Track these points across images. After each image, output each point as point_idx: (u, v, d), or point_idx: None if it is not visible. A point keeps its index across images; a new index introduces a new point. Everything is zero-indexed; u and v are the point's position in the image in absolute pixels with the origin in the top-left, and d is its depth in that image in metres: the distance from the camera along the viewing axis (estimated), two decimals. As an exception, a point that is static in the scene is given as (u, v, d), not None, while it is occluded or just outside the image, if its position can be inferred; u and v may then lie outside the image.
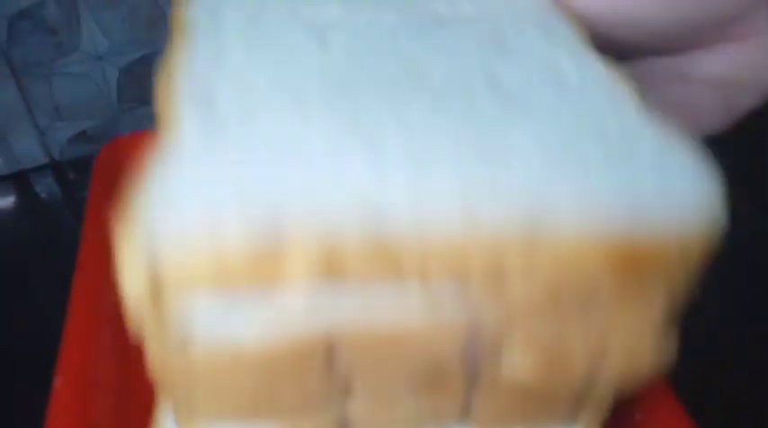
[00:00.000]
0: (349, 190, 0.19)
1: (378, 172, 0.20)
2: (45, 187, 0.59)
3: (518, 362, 0.22)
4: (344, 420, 0.23)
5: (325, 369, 0.21)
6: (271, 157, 0.20)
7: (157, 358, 0.20)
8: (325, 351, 0.20)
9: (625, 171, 0.21)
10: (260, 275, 0.18)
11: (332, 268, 0.19)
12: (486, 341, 0.21)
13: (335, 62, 0.24)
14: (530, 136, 0.22)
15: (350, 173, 0.20)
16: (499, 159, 0.21)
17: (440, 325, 0.20)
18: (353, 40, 0.26)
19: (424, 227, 0.19)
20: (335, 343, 0.20)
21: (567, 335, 0.21)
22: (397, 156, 0.21)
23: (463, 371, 0.22)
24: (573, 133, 0.22)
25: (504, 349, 0.22)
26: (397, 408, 0.24)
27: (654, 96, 0.27)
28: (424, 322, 0.20)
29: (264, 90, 0.23)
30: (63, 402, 0.26)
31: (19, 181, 0.59)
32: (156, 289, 0.18)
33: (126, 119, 0.64)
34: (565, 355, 0.22)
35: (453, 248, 0.19)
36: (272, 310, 0.19)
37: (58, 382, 0.26)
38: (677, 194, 0.21)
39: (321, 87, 0.23)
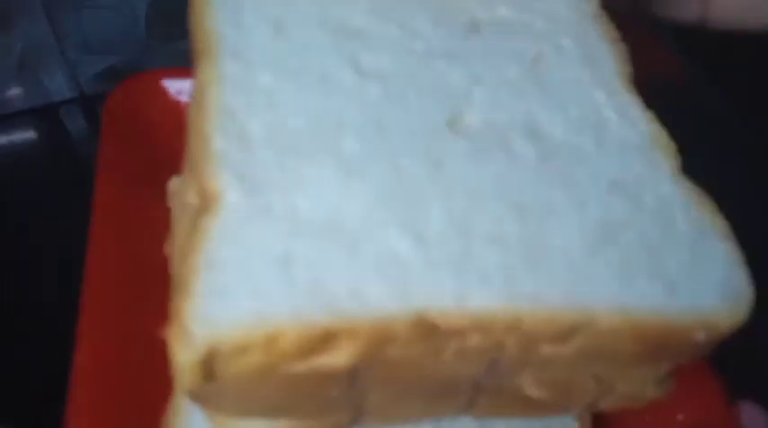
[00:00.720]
0: (394, 277, 0.20)
1: (421, 256, 0.20)
2: (73, 121, 0.60)
3: (528, 390, 0.23)
4: (359, 411, 0.24)
5: (346, 385, 0.22)
6: (314, 236, 0.20)
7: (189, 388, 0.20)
8: (350, 374, 0.21)
9: (659, 256, 0.21)
10: (308, 358, 0.19)
11: (376, 352, 0.20)
12: (502, 373, 0.22)
13: (370, 97, 0.24)
14: (570, 210, 0.22)
15: (394, 257, 0.20)
16: (540, 248, 0.21)
17: (462, 367, 0.21)
18: (386, 63, 0.25)
19: (466, 318, 0.20)
20: (360, 370, 0.21)
21: (577, 379, 0.23)
22: (439, 236, 0.21)
23: (474, 387, 0.24)
24: (610, 207, 0.22)
25: (517, 379, 0.23)
26: (409, 406, 0.25)
27: None
28: (450, 365, 0.21)
29: (300, 138, 0.22)
30: (83, 388, 0.26)
31: (48, 114, 0.60)
32: (208, 367, 0.19)
33: (154, 54, 0.64)
34: (572, 390, 0.23)
35: (490, 338, 0.20)
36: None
37: (81, 364, 0.26)
38: (708, 280, 0.21)
39: (358, 133, 0.22)
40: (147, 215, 0.31)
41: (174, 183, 0.31)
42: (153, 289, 0.28)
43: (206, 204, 0.21)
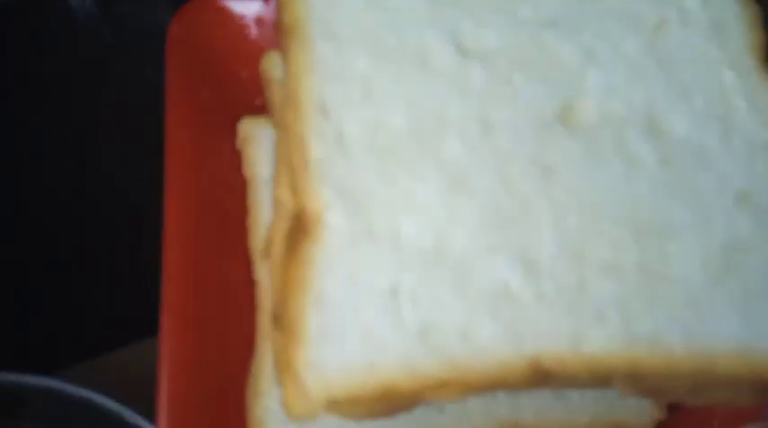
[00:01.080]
0: (505, 318, 0.19)
1: (533, 290, 0.19)
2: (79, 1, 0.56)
3: (616, 386, 0.22)
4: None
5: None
6: (420, 266, 0.19)
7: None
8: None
9: None
10: (419, 398, 0.19)
11: (485, 390, 0.19)
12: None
13: (473, 83, 0.21)
14: (692, 230, 0.20)
15: (504, 293, 0.19)
16: (658, 278, 0.20)
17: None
18: (489, 36, 0.22)
19: (581, 364, 0.19)
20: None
21: (673, 389, 0.22)
22: (551, 263, 0.20)
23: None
24: (736, 225, 0.20)
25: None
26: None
27: None
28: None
29: (400, 140, 0.21)
30: (172, 340, 0.25)
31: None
32: (320, 410, 0.19)
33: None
34: (664, 394, 0.23)
35: (600, 377, 0.19)
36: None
37: (165, 321, 0.25)
38: None
39: (461, 133, 0.21)
40: (217, 150, 0.30)
41: (244, 126, 0.30)
42: (227, 230, 0.29)
43: (306, 224, 0.20)
